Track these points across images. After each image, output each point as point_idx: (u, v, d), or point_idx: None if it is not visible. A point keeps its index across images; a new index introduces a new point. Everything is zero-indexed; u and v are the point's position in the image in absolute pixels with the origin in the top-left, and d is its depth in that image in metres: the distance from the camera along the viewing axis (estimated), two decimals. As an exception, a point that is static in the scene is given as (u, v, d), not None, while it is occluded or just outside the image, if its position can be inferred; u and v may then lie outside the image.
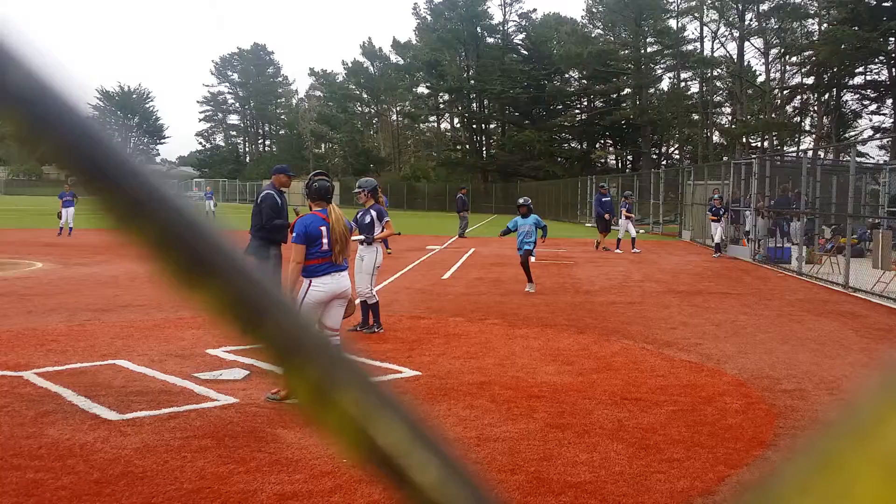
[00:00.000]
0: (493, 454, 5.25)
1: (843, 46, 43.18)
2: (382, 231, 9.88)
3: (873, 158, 48.07)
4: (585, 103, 75.67)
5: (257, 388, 6.87)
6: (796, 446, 0.31)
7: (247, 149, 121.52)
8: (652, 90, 68.90)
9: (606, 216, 25.64)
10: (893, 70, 47.27)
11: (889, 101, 49.26)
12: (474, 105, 79.75)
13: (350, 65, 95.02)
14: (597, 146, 74.81)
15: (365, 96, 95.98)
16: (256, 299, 0.38)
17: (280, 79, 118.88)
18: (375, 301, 9.77)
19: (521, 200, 13.74)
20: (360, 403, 0.36)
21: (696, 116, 65.23)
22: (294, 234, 6.64)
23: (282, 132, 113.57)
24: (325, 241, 6.61)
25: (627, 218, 25.06)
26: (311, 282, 6.58)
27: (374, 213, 9.92)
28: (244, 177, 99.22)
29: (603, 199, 26.19)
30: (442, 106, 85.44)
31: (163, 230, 0.36)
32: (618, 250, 23.86)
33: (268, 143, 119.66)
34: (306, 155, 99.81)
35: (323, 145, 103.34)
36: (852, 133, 53.88)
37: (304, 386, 0.38)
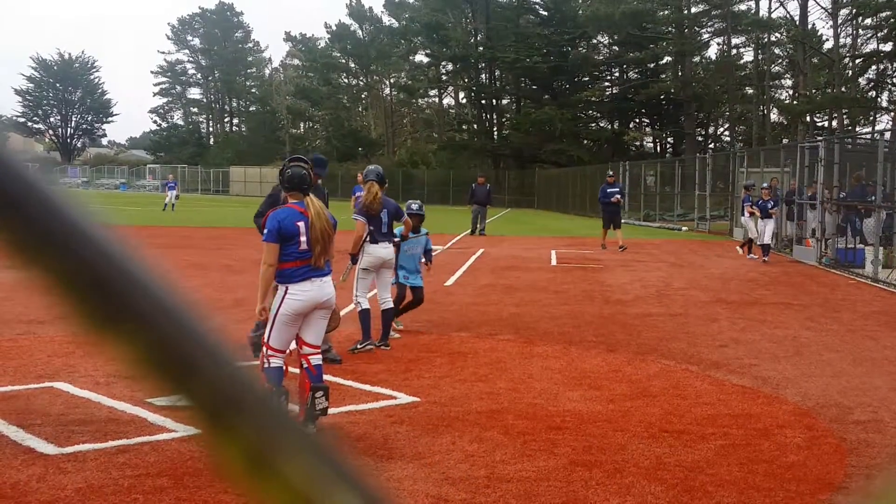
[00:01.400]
0: (505, 497, 5.26)
1: (927, 6, 43.12)
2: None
3: (964, 141, 47.99)
4: (617, 74, 75.59)
5: (223, 416, 6.87)
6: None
7: (210, 129, 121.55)
8: (697, 59, 68.73)
9: (615, 199, 25.71)
10: None
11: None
12: (483, 76, 79.70)
13: (334, 28, 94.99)
14: (630, 126, 74.73)
15: (352, 66, 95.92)
16: (183, 346, 0.36)
17: (250, 45, 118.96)
18: (360, 310, 9.85)
19: (414, 206, 11.07)
20: (308, 473, 0.36)
21: (750, 90, 65.10)
22: (265, 231, 6.63)
23: (252, 109, 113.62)
24: (302, 239, 6.60)
25: (752, 214, 23.73)
26: (287, 288, 6.57)
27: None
28: (207, 162, 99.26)
29: (608, 190, 26.08)
30: (445, 77, 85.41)
31: (67, 260, 0.34)
32: (752, 255, 23.06)
33: (236, 121, 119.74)
34: (282, 136, 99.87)
35: (302, 125, 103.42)
36: (939, 110, 53.81)
37: (240, 450, 0.36)
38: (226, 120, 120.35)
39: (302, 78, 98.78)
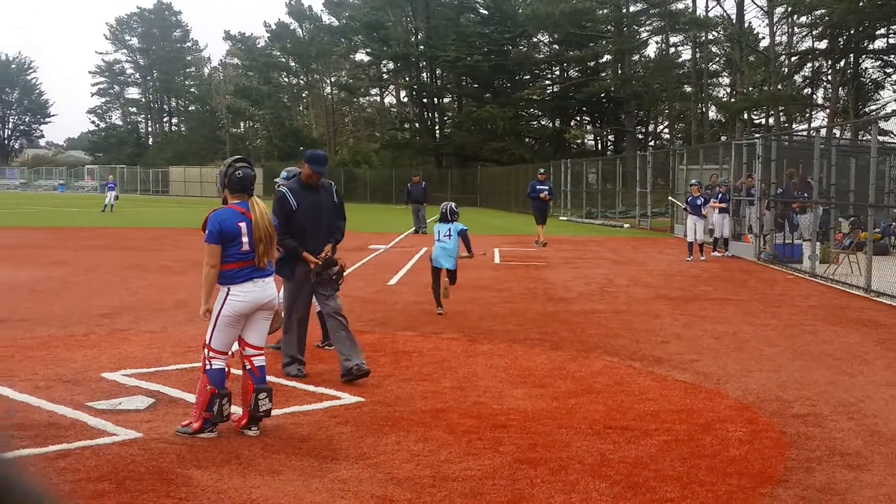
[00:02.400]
0: (451, 496, 5.25)
1: (861, 3, 43.90)
2: None
3: (898, 137, 49.09)
4: (557, 73, 76.05)
5: (164, 419, 6.79)
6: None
7: (150, 128, 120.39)
8: (636, 57, 69.41)
9: (543, 196, 26.54)
10: (921, 32, 48.13)
11: (916, 70, 50.20)
12: (424, 75, 79.71)
13: (274, 27, 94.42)
14: (572, 124, 75.20)
15: (292, 65, 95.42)
16: None
17: (189, 44, 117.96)
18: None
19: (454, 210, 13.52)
20: None
21: (688, 88, 65.92)
22: (207, 233, 6.56)
23: (192, 108, 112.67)
24: (245, 240, 6.54)
25: (722, 211, 23.38)
26: (229, 290, 6.51)
27: None
28: (146, 162, 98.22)
29: (538, 187, 26.92)
30: (386, 76, 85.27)
31: None
32: (700, 257, 22.11)
33: (175, 121, 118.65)
34: (222, 136, 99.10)
35: (242, 124, 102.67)
36: (873, 107, 54.90)
37: None
38: (165, 120, 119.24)
39: (242, 77, 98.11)
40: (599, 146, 74.00)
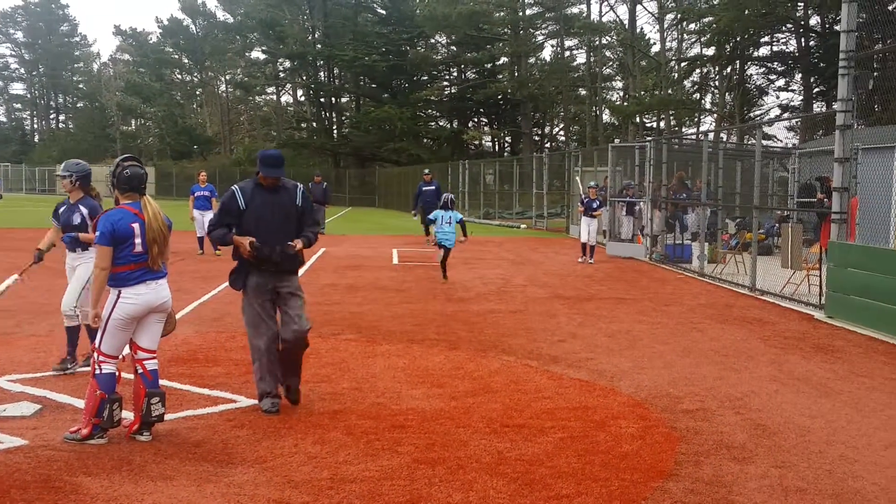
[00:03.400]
0: (349, 498, 5.24)
1: (746, 12, 45.23)
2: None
3: (781, 141, 50.79)
4: (455, 74, 76.47)
5: (52, 426, 6.61)
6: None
7: (35, 125, 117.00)
8: (532, 60, 70.27)
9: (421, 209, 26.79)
10: (803, 40, 49.87)
11: (798, 76, 51.93)
12: (322, 74, 79.25)
13: (166, 22, 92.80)
14: (469, 125, 75.71)
15: (186, 62, 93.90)
16: None
17: (77, 38, 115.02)
18: (77, 325, 8.95)
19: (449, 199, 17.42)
20: None
21: (583, 91, 66.98)
22: (98, 234, 6.41)
23: (80, 105, 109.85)
24: (137, 241, 6.43)
25: (629, 213, 24.00)
26: (120, 292, 6.37)
27: (84, 210, 8.67)
28: (32, 160, 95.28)
29: (424, 188, 27.03)
30: (282, 75, 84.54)
31: None
32: (589, 259, 21.70)
33: (62, 118, 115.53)
34: (112, 134, 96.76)
35: (133, 121, 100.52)
36: (758, 112, 56.66)
37: None
38: (52, 116, 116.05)
39: (133, 73, 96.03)
40: (497, 147, 74.66)
